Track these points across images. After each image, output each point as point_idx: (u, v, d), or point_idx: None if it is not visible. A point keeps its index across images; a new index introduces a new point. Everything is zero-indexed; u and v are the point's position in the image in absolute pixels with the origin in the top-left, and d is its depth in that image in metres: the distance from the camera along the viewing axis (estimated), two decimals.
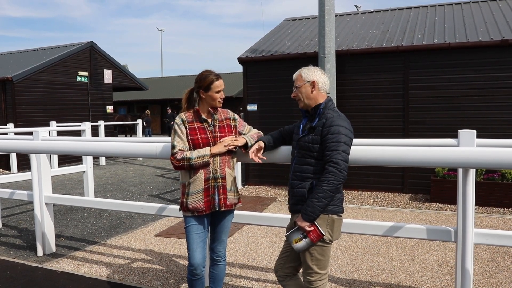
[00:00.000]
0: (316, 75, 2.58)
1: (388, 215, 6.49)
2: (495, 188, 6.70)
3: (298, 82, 2.62)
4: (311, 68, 2.64)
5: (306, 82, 2.57)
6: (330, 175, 2.33)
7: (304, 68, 2.65)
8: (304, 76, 2.59)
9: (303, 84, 2.58)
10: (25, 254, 4.82)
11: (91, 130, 9.97)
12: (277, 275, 2.71)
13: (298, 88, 2.61)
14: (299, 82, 2.60)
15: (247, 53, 9.30)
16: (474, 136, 2.86)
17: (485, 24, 8.27)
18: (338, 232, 2.53)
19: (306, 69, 2.64)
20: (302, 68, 2.67)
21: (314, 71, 2.61)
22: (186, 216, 2.85)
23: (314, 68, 2.63)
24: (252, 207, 7.07)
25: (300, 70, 2.66)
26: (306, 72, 2.61)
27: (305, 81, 2.58)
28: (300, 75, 2.62)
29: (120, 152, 3.70)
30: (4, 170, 12.57)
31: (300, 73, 2.63)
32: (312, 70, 2.61)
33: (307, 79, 2.58)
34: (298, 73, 2.65)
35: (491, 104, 7.41)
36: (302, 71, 2.63)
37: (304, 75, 2.60)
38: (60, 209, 7.00)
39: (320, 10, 7.43)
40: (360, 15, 11.05)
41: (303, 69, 2.65)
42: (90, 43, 15.24)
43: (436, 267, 4.28)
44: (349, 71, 8.32)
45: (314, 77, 2.57)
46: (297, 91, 2.62)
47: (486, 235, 2.87)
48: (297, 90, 2.62)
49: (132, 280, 4.00)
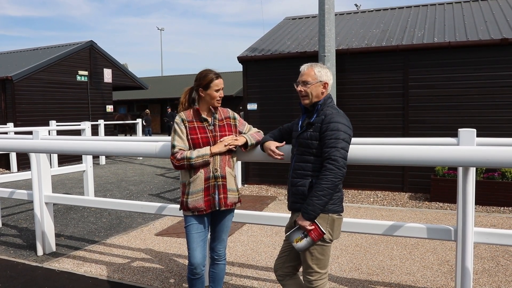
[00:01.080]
0: (328, 77, 2.54)
1: (388, 214, 6.49)
2: (495, 187, 6.70)
3: (309, 78, 2.51)
4: (323, 66, 2.56)
5: (319, 81, 2.50)
6: (329, 172, 2.32)
7: (317, 65, 2.55)
8: (317, 74, 2.50)
9: (316, 83, 2.50)
10: (25, 253, 4.82)
11: (91, 129, 9.95)
12: (277, 274, 2.70)
13: (308, 84, 2.51)
14: (311, 79, 2.50)
15: (247, 52, 9.29)
16: (474, 135, 2.85)
17: (485, 23, 8.27)
18: (338, 231, 2.53)
19: (319, 66, 2.54)
20: (314, 64, 2.56)
21: (326, 71, 2.55)
22: (186, 216, 2.84)
23: (326, 68, 2.57)
24: (252, 206, 7.07)
25: (312, 65, 2.55)
26: (320, 70, 2.52)
27: (317, 79, 2.50)
28: (314, 71, 2.51)
29: (120, 151, 3.70)
30: (4, 170, 12.57)
31: (314, 70, 2.52)
32: (325, 69, 2.54)
33: (320, 79, 2.50)
34: (310, 68, 2.53)
35: (491, 103, 7.41)
36: (315, 68, 2.53)
37: (318, 73, 2.51)
38: (60, 208, 7.00)
39: (320, 9, 7.43)
40: (360, 14, 11.04)
41: (316, 65, 2.54)
42: (90, 42, 15.23)
43: (436, 266, 4.28)
44: (349, 70, 8.31)
45: (327, 78, 2.53)
46: (305, 87, 2.51)
47: (486, 234, 2.87)
48: (305, 86, 2.51)
49: (132, 280, 4.00)
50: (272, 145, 2.72)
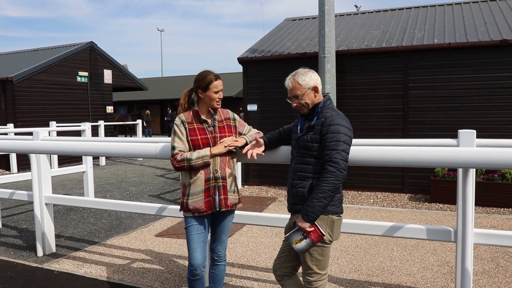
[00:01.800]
0: (314, 79, 2.49)
1: (388, 215, 6.49)
2: (495, 188, 6.70)
3: (297, 91, 2.48)
4: (304, 72, 2.51)
5: (308, 89, 2.48)
6: (330, 174, 2.32)
7: (298, 74, 2.50)
8: (303, 83, 2.47)
9: (305, 92, 2.47)
10: (25, 254, 4.82)
11: (91, 130, 9.97)
12: (276, 274, 2.70)
13: (299, 97, 2.48)
14: (299, 91, 2.47)
15: (247, 53, 9.30)
16: (474, 136, 2.85)
17: (485, 24, 8.27)
18: (337, 232, 2.53)
19: (300, 74, 2.49)
20: (295, 74, 2.51)
21: (310, 75, 2.50)
22: (187, 217, 2.85)
23: (308, 71, 2.52)
24: (252, 207, 7.07)
25: (293, 76, 2.51)
26: (303, 78, 2.48)
27: (306, 88, 2.47)
28: (298, 82, 2.47)
29: (120, 152, 3.70)
30: (4, 170, 12.57)
31: (297, 81, 2.47)
32: (308, 74, 2.49)
33: (307, 86, 2.47)
34: (294, 80, 2.49)
35: (491, 104, 7.41)
36: (298, 78, 2.48)
37: (303, 82, 2.47)
38: (60, 209, 7.00)
39: (320, 10, 7.43)
40: (360, 15, 11.05)
41: (297, 75, 2.50)
42: (90, 43, 15.24)
43: (436, 267, 4.28)
44: (349, 71, 8.32)
45: (313, 81, 2.49)
46: (298, 100, 2.49)
47: (486, 235, 2.87)
48: (298, 100, 2.49)
49: (132, 280, 4.00)
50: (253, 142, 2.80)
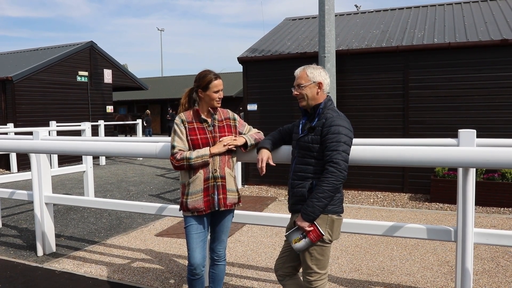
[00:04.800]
0: (322, 77, 2.53)
1: (388, 215, 6.49)
2: (495, 188, 6.70)
3: (302, 81, 2.53)
4: (316, 67, 2.57)
5: (312, 82, 2.51)
6: (330, 175, 2.33)
7: (310, 67, 2.56)
8: (310, 75, 2.52)
9: (309, 85, 2.51)
10: (25, 254, 4.82)
11: (91, 130, 9.97)
12: (277, 274, 2.71)
13: (302, 87, 2.53)
14: (304, 81, 2.53)
15: (247, 53, 9.30)
16: (474, 136, 2.85)
17: (485, 24, 8.27)
18: (337, 232, 2.53)
19: (311, 68, 2.55)
20: (307, 66, 2.58)
21: (320, 71, 2.55)
22: (186, 216, 2.85)
23: (319, 68, 2.57)
24: (252, 206, 7.07)
25: (304, 67, 2.57)
26: (313, 71, 2.53)
27: (311, 81, 2.51)
28: (306, 74, 2.53)
29: (120, 152, 3.70)
30: (4, 170, 12.57)
31: (306, 72, 2.54)
32: (318, 70, 2.55)
33: (313, 80, 2.52)
34: (303, 70, 2.56)
35: (491, 103, 7.41)
36: (307, 69, 2.54)
37: (311, 74, 2.52)
38: (60, 209, 7.00)
39: (320, 10, 7.43)
40: (360, 15, 11.05)
41: (309, 67, 2.56)
42: (90, 43, 15.24)
43: (436, 266, 4.28)
44: (349, 70, 8.32)
45: (321, 78, 2.53)
46: (300, 90, 2.54)
47: (486, 234, 2.87)
48: (300, 89, 2.54)
49: (132, 280, 4.00)
50: (265, 156, 2.72)
